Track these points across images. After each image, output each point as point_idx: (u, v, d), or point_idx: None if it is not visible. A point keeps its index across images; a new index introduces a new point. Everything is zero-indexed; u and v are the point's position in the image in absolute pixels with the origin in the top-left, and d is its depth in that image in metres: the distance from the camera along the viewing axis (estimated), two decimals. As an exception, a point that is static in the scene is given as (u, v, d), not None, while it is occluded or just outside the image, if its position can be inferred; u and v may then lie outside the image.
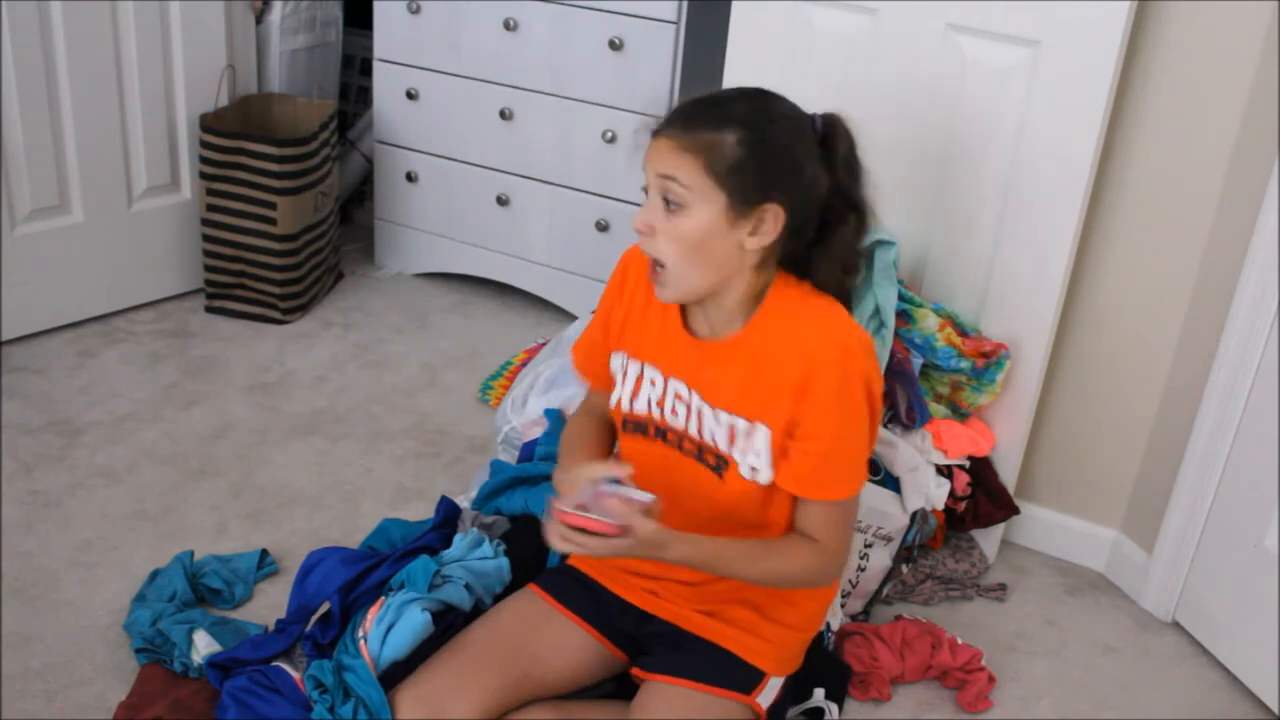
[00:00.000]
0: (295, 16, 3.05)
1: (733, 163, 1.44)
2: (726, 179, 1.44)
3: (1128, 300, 2.16)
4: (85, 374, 2.63)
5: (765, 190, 1.45)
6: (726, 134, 1.45)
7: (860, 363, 1.50)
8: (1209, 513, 2.10)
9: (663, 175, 1.48)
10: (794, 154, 1.47)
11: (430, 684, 1.61)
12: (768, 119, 1.48)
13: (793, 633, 1.70)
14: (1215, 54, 1.96)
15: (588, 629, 1.71)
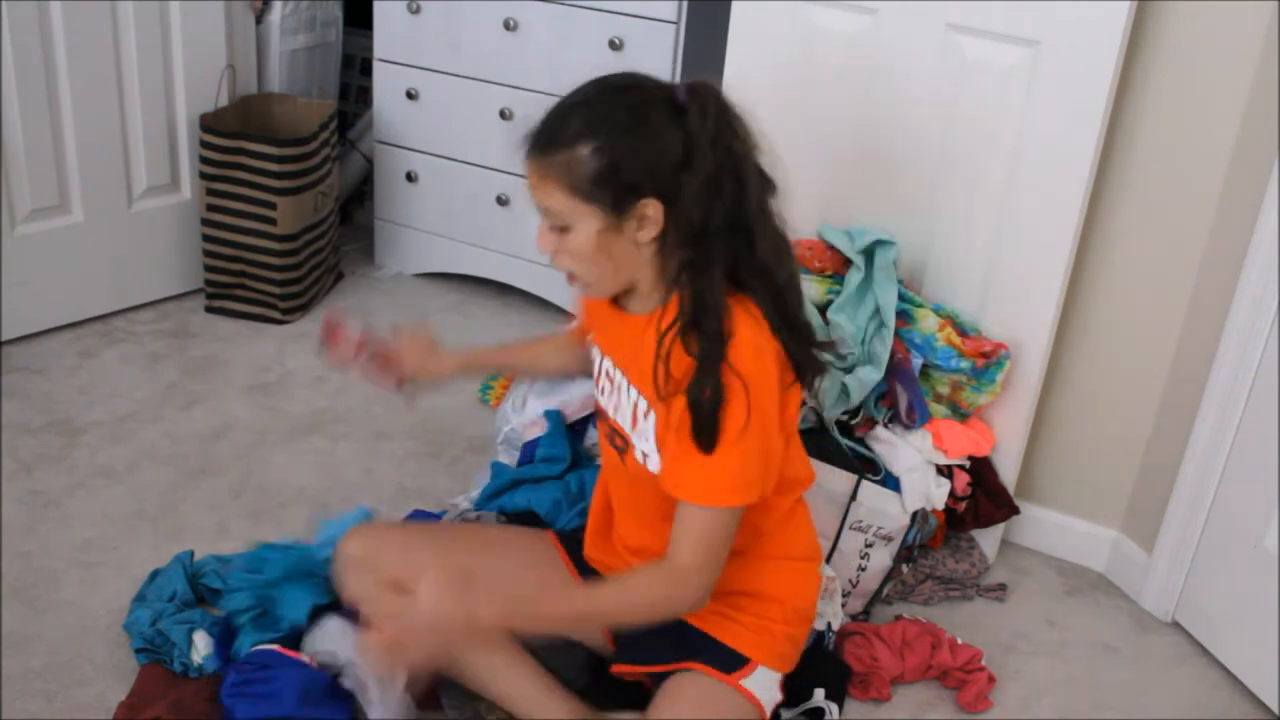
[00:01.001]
0: (295, 16, 3.05)
1: (591, 176, 1.43)
2: (591, 193, 1.44)
3: (1128, 300, 2.16)
4: (85, 374, 2.63)
5: (632, 191, 1.44)
6: (577, 149, 1.44)
7: (743, 373, 1.45)
8: (1209, 513, 2.10)
9: (538, 205, 1.49)
10: (650, 144, 1.44)
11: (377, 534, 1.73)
12: (611, 120, 1.45)
13: (775, 625, 1.69)
14: (1215, 54, 1.96)
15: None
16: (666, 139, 1.44)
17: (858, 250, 2.13)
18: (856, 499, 2.04)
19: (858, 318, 2.10)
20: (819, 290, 2.16)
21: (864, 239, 2.14)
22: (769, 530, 1.67)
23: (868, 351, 2.08)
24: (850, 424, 2.10)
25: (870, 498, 2.04)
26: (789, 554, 1.72)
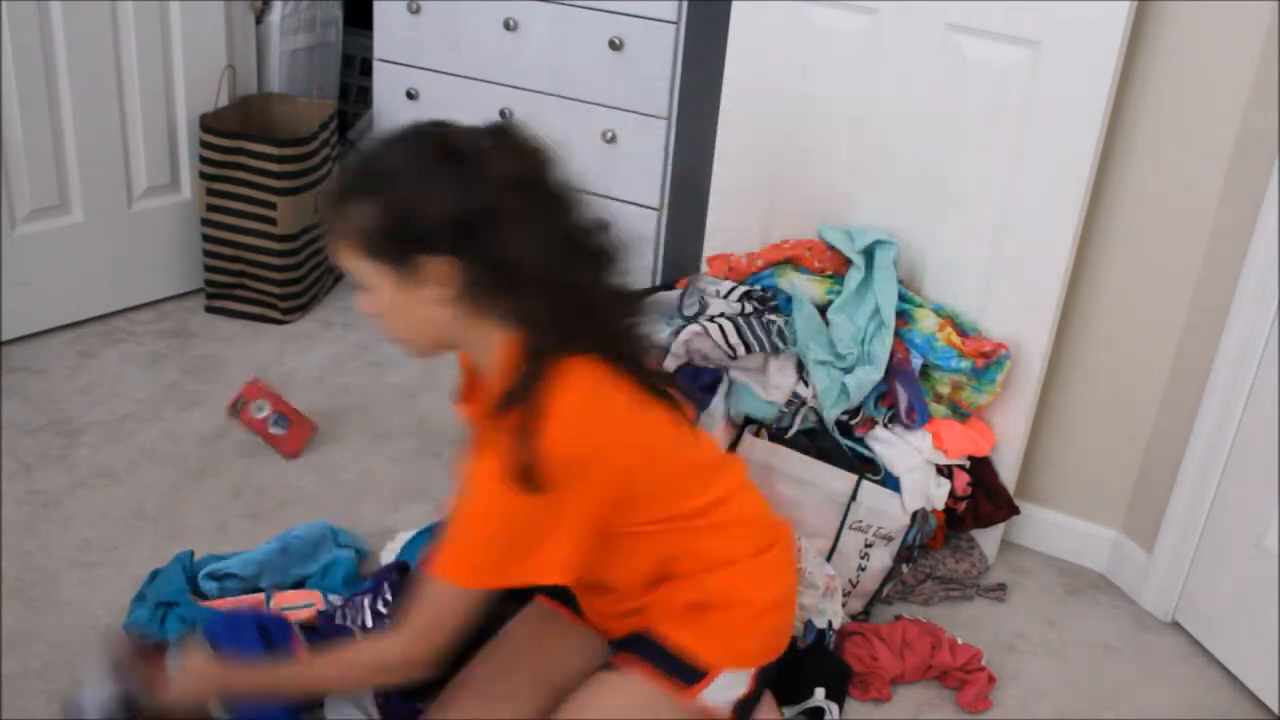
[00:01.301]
0: (295, 16, 3.05)
1: (372, 238, 1.38)
2: (377, 254, 1.39)
3: (1128, 300, 2.16)
4: (85, 374, 2.63)
5: (418, 247, 1.37)
6: (358, 209, 1.38)
7: (554, 466, 1.36)
8: (1209, 513, 2.10)
9: (340, 265, 1.46)
10: (436, 195, 1.36)
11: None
12: (394, 172, 1.38)
13: (747, 626, 1.64)
14: (1215, 54, 1.96)
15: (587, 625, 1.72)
16: (456, 189, 1.36)
17: (858, 250, 2.13)
18: (856, 499, 2.04)
19: (857, 318, 2.10)
20: (819, 290, 2.16)
21: (864, 239, 2.14)
22: (703, 549, 1.61)
23: (868, 351, 2.08)
24: (850, 424, 2.10)
25: (870, 498, 2.04)
26: (736, 558, 1.62)
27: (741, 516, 1.68)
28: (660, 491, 1.55)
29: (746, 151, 2.31)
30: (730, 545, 1.64)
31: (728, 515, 1.65)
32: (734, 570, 1.63)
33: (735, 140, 2.32)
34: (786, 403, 2.08)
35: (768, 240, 2.29)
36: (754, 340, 2.07)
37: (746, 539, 1.67)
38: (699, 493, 1.60)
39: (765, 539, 1.68)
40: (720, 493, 1.63)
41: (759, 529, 1.69)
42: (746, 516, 1.69)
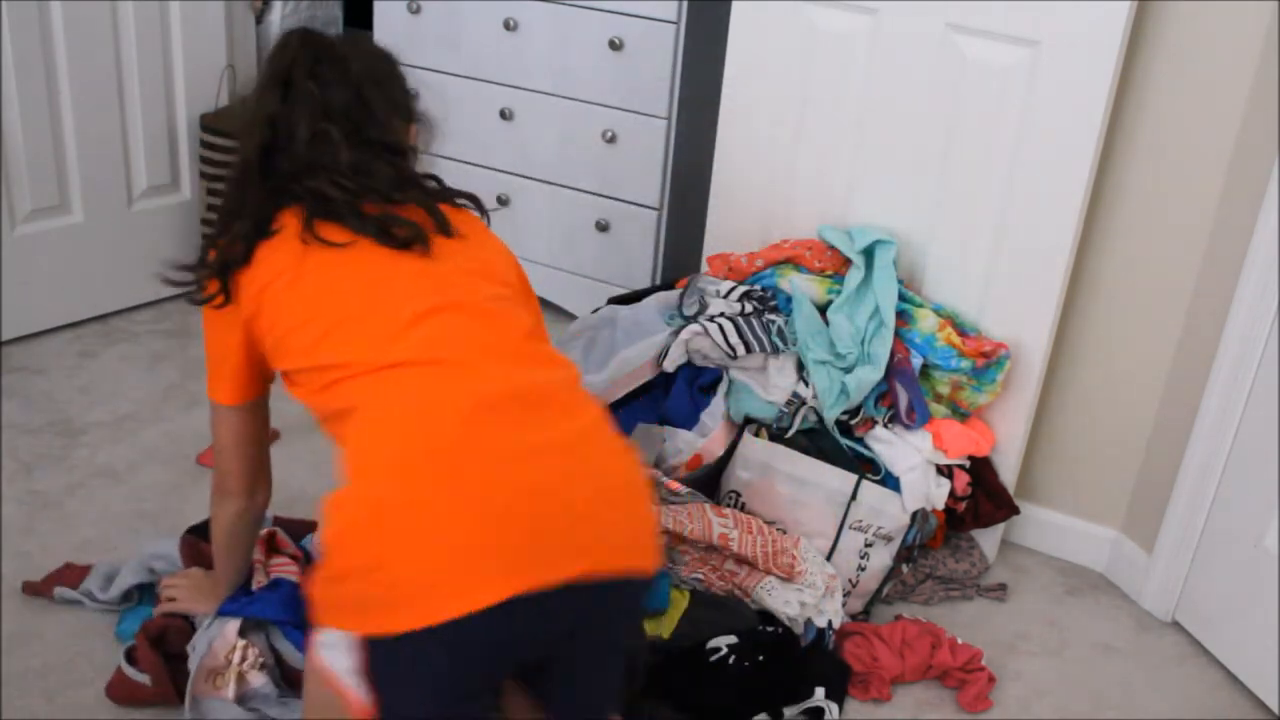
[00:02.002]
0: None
1: None
2: None
3: (1128, 300, 2.16)
4: (85, 374, 2.63)
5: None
6: None
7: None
8: (1209, 513, 2.10)
9: None
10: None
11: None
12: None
13: (321, 574, 1.34)
14: (1215, 54, 1.96)
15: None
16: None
17: (858, 250, 2.13)
18: (856, 499, 2.04)
19: (857, 317, 2.10)
20: (819, 290, 2.16)
21: (864, 239, 2.14)
22: (349, 441, 1.41)
23: (867, 351, 2.08)
24: (850, 424, 2.10)
25: (870, 498, 2.04)
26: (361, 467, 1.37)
27: (360, 436, 1.39)
28: (297, 334, 1.47)
29: (746, 151, 2.31)
30: (365, 449, 1.37)
31: (353, 432, 1.39)
32: (329, 502, 1.35)
33: (735, 140, 2.32)
34: (786, 403, 2.08)
35: (768, 240, 2.29)
36: (754, 340, 2.07)
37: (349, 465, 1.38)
38: (342, 351, 1.42)
39: (353, 469, 1.37)
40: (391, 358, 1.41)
41: (357, 459, 1.38)
42: (361, 437, 1.39)
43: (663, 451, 2.12)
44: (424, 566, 1.26)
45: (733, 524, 1.96)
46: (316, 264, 1.48)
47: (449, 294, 1.46)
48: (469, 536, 1.26)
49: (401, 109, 1.61)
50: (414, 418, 1.35)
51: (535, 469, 1.31)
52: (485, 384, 1.37)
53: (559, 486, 1.31)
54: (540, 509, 1.29)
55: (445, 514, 1.27)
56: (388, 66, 1.62)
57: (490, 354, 1.42)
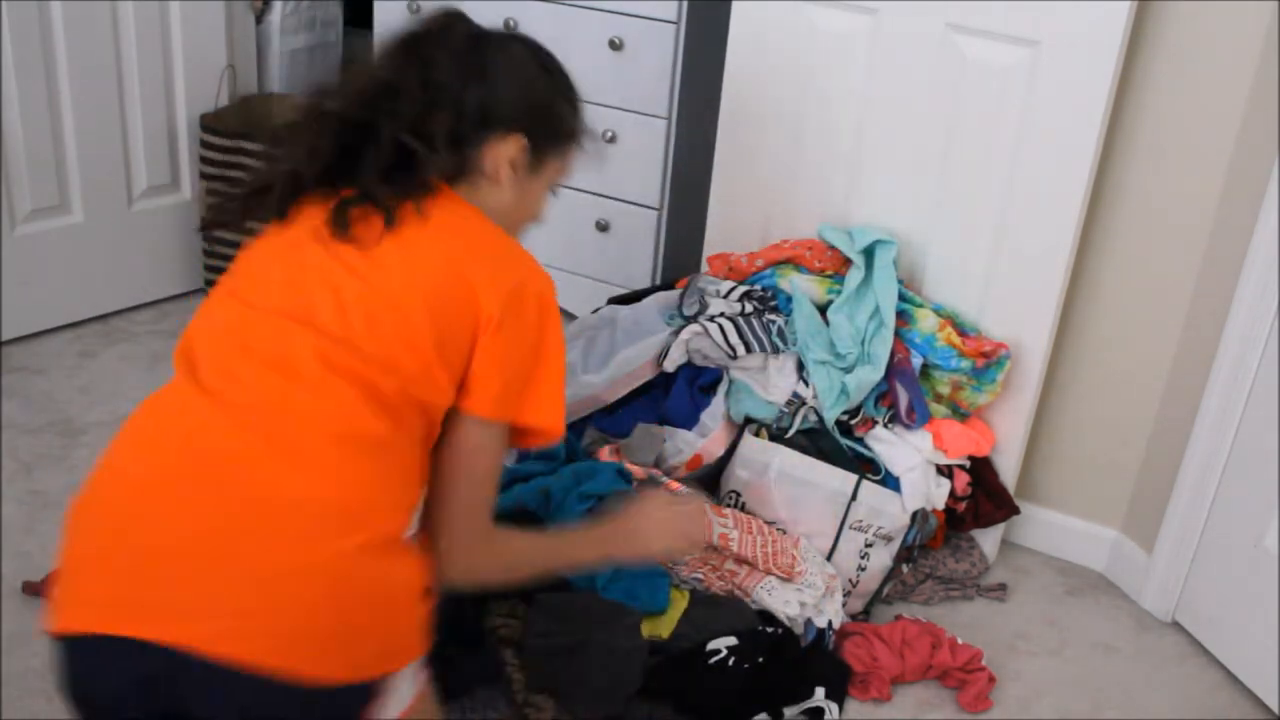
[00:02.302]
0: (295, 16, 3.05)
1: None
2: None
3: (1128, 300, 2.16)
4: (85, 374, 2.63)
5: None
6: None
7: None
8: (1209, 513, 2.10)
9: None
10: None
11: None
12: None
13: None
14: (1215, 54, 1.96)
15: None
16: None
17: (858, 250, 2.13)
18: (856, 499, 2.04)
19: (857, 318, 2.10)
20: (819, 290, 2.16)
21: (864, 239, 2.14)
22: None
23: (867, 351, 2.08)
24: (850, 424, 2.10)
25: (870, 498, 2.04)
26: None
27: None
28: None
29: (746, 151, 2.31)
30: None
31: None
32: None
33: (735, 140, 2.32)
34: (786, 403, 2.08)
35: (768, 240, 2.30)
36: (754, 340, 2.07)
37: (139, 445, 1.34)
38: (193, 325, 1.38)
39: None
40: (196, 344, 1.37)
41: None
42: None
43: (663, 451, 2.12)
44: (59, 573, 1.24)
45: (733, 524, 1.96)
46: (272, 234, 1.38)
47: (304, 313, 1.27)
48: (83, 558, 1.22)
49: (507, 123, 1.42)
50: (145, 438, 1.34)
51: (189, 519, 1.19)
52: (236, 475, 1.21)
53: (200, 539, 1.17)
54: (156, 555, 1.18)
55: (91, 537, 1.24)
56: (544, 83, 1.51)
57: (269, 437, 1.22)
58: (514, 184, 1.42)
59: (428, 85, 1.39)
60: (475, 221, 1.37)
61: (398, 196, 1.32)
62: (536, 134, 1.44)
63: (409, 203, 1.32)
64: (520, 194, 1.44)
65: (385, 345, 1.25)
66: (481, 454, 1.35)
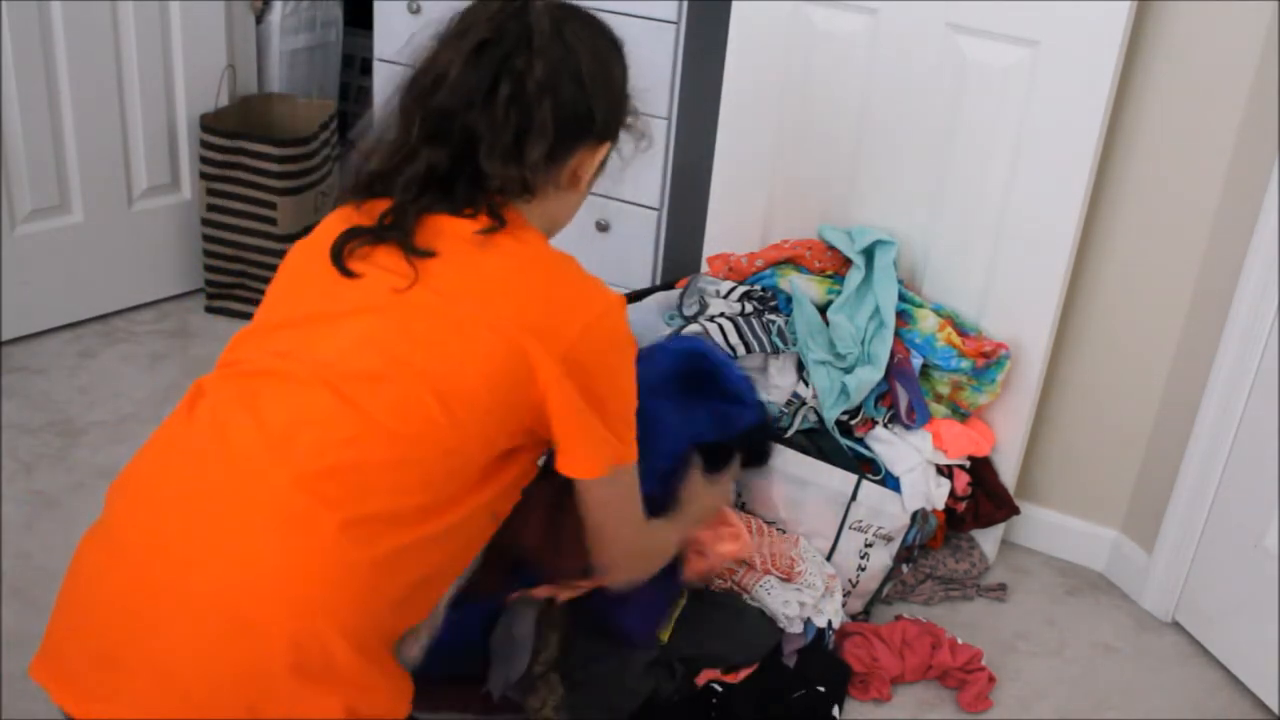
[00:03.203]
0: (295, 16, 3.05)
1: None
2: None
3: (1128, 300, 2.16)
4: (85, 374, 2.63)
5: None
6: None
7: None
8: (1209, 513, 2.10)
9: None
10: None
11: None
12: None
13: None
14: (1215, 54, 1.96)
15: None
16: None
17: (858, 250, 2.13)
18: (856, 499, 2.04)
19: (858, 318, 2.10)
20: (819, 290, 2.16)
21: (864, 239, 2.14)
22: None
23: (868, 351, 2.08)
24: (850, 424, 2.10)
25: (870, 498, 2.04)
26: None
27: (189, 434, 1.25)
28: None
29: (746, 151, 2.31)
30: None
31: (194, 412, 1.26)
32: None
33: (735, 140, 2.32)
34: (786, 403, 2.08)
35: (768, 240, 2.29)
36: (754, 340, 2.07)
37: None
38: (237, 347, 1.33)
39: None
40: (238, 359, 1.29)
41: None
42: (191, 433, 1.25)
43: (663, 451, 2.12)
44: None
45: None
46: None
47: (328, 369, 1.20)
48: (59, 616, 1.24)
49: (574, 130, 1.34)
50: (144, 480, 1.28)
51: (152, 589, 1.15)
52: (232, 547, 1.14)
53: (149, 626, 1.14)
54: (109, 627, 1.17)
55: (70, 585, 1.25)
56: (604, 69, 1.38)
57: (278, 508, 1.14)
58: (585, 189, 1.40)
59: (518, 103, 1.27)
60: (535, 261, 1.29)
61: (448, 212, 1.27)
62: (616, 134, 1.41)
63: (462, 220, 1.27)
64: (583, 194, 1.43)
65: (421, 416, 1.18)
66: (627, 500, 1.38)
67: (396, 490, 1.16)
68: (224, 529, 1.14)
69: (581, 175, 1.36)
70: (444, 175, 1.28)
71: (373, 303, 1.23)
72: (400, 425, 1.16)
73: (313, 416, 1.16)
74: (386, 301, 1.22)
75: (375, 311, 1.23)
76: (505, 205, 1.30)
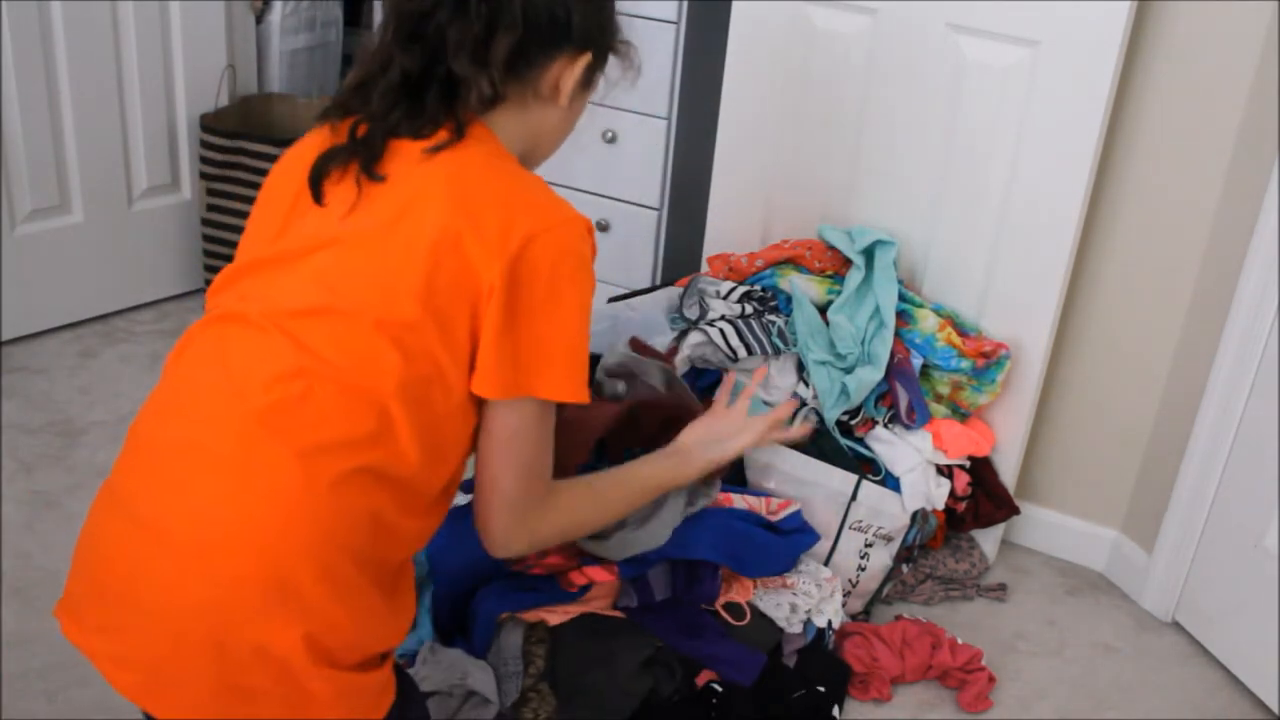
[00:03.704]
0: (295, 16, 3.05)
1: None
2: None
3: (1128, 300, 2.16)
4: (85, 374, 2.63)
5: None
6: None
7: None
8: (1209, 513, 2.10)
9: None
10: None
11: None
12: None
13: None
14: (1215, 54, 1.96)
15: None
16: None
17: (858, 250, 2.13)
18: (856, 499, 2.04)
19: (858, 318, 2.10)
20: (819, 290, 2.16)
21: (864, 239, 2.14)
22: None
23: (868, 351, 2.08)
24: (850, 424, 2.10)
25: (870, 498, 2.04)
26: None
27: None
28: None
29: (746, 151, 2.31)
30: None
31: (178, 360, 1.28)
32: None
33: (735, 140, 2.32)
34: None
35: (768, 240, 2.29)
36: (754, 342, 2.07)
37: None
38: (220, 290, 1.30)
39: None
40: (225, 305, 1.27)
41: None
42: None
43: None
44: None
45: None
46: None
47: (315, 294, 1.20)
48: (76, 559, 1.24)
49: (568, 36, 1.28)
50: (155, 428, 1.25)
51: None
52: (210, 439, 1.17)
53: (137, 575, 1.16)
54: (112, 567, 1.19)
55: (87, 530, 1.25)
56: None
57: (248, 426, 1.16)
58: (568, 104, 1.33)
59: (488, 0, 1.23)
60: (484, 171, 1.25)
61: (410, 135, 1.23)
62: (599, 49, 1.34)
63: (420, 141, 1.23)
64: (569, 115, 1.36)
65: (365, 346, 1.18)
66: (518, 438, 1.26)
67: (348, 418, 1.17)
68: (194, 473, 1.17)
69: (562, 87, 1.30)
70: (416, 84, 1.25)
71: (323, 238, 1.23)
72: (342, 357, 1.18)
73: (266, 356, 1.19)
74: (333, 235, 1.23)
75: (323, 247, 1.23)
76: (474, 121, 1.27)
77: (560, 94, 1.30)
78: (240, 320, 1.22)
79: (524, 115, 1.31)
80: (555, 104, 1.31)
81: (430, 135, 1.24)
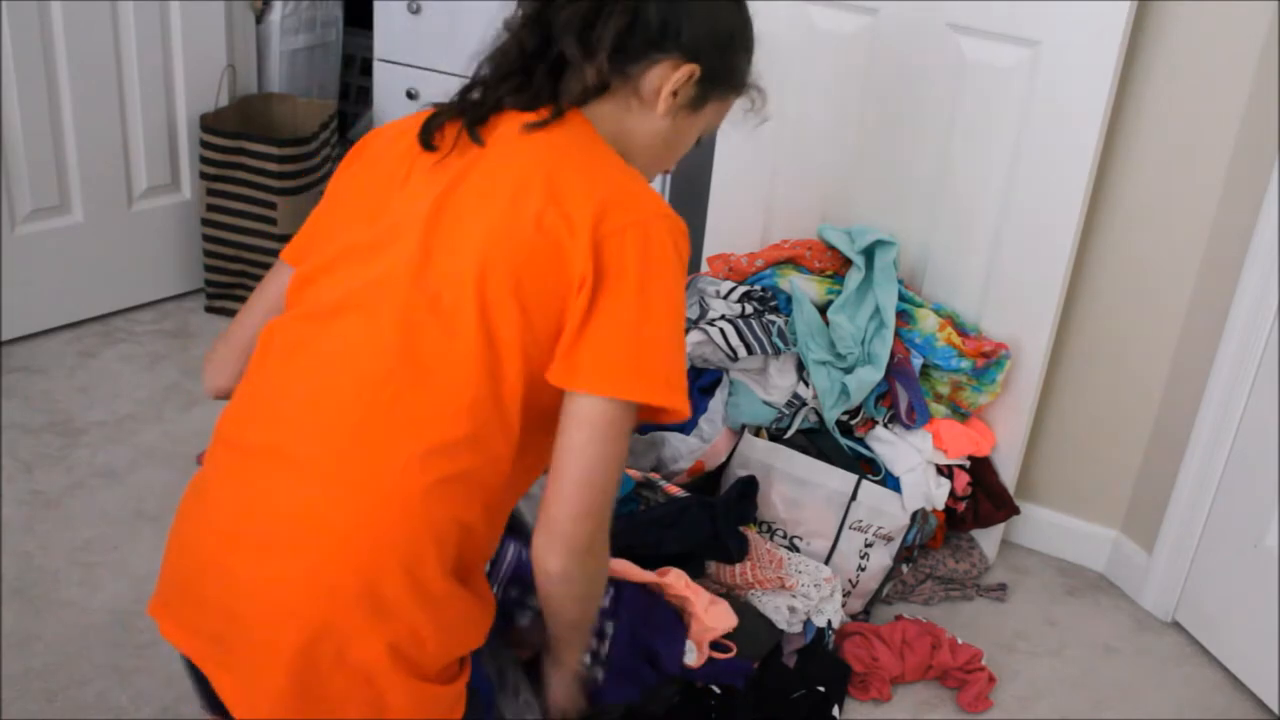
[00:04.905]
0: (295, 16, 3.05)
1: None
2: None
3: (1128, 300, 2.16)
4: (85, 374, 2.63)
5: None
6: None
7: None
8: (1209, 513, 2.10)
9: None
10: None
11: None
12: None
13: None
14: (1215, 54, 1.96)
15: None
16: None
17: (858, 250, 2.13)
18: (856, 499, 2.04)
19: (858, 318, 2.10)
20: (819, 290, 2.16)
21: (864, 239, 2.14)
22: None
23: (868, 351, 2.08)
24: (850, 424, 2.10)
25: (870, 498, 2.04)
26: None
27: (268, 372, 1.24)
28: (313, 230, 1.33)
29: (746, 151, 2.31)
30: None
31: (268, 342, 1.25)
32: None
33: (735, 140, 2.32)
34: (786, 403, 2.08)
35: (768, 240, 2.29)
36: (754, 342, 2.07)
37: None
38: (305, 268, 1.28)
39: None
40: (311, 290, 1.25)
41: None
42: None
43: (661, 456, 2.12)
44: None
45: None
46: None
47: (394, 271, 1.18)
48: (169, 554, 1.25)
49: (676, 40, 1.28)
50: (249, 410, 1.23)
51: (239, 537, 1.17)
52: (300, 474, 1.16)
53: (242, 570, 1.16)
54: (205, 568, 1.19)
55: (178, 525, 1.25)
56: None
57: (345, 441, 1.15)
58: (669, 116, 1.30)
59: None
60: (582, 155, 1.22)
61: (515, 107, 1.23)
62: (710, 69, 1.32)
63: (524, 115, 1.23)
64: (671, 130, 1.33)
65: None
66: (589, 440, 1.15)
67: (443, 421, 1.14)
68: (283, 480, 1.16)
69: (662, 94, 1.27)
70: (529, 59, 1.26)
71: (411, 219, 1.20)
72: (436, 360, 1.15)
73: (357, 355, 1.17)
74: (423, 220, 1.19)
75: (411, 232, 1.19)
76: (573, 109, 1.26)
77: (659, 100, 1.28)
78: (330, 315, 1.20)
79: (623, 114, 1.29)
80: (655, 111, 1.29)
81: (534, 110, 1.24)
